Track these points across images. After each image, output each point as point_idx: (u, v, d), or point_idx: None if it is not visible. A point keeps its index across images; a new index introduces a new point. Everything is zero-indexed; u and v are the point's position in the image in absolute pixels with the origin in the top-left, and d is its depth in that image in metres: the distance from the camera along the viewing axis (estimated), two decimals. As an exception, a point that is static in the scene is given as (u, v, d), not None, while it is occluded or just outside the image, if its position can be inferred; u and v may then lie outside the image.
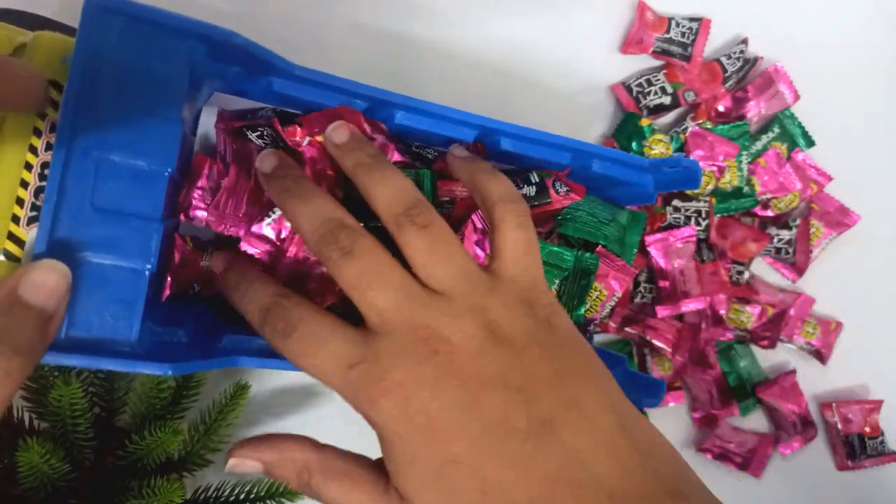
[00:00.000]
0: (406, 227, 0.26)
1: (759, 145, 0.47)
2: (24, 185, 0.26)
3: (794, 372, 0.47)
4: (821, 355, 0.47)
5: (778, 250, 0.47)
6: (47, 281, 0.23)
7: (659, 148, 0.44)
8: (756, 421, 0.47)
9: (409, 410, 0.24)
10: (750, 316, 0.45)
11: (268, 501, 0.36)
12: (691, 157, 0.44)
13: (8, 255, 0.26)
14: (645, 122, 0.44)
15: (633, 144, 0.44)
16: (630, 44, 0.45)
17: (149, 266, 0.25)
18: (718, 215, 0.45)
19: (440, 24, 0.43)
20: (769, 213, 0.47)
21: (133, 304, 0.25)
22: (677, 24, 0.45)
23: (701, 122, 0.45)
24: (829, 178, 0.48)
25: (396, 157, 0.33)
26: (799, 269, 0.47)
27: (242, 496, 0.36)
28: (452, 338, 0.24)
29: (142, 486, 0.32)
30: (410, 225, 0.26)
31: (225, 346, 0.29)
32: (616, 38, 0.46)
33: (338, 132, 0.30)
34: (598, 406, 0.24)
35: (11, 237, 0.26)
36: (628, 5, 0.46)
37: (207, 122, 0.32)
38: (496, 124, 0.32)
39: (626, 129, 0.44)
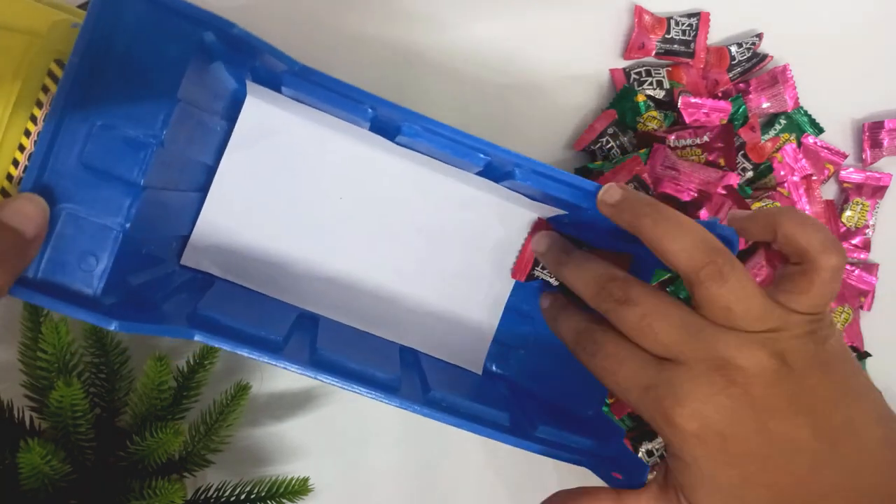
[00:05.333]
0: (706, 283, 0.27)
1: (765, 138, 0.47)
2: (22, 149, 0.29)
3: None
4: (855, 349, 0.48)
5: None
6: (25, 208, 0.25)
7: (653, 125, 0.44)
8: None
9: (708, 435, 0.26)
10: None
11: (269, 502, 0.36)
12: (687, 117, 0.44)
13: None
14: (640, 98, 0.44)
15: (628, 119, 0.44)
16: (632, 49, 0.45)
17: (123, 226, 0.27)
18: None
19: (439, 31, 0.43)
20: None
21: (102, 258, 0.27)
22: (677, 24, 0.45)
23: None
24: (844, 156, 0.47)
25: None
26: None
27: (243, 496, 0.36)
28: (747, 368, 0.26)
29: (143, 486, 0.32)
30: (712, 281, 0.27)
31: (194, 317, 0.30)
32: (617, 45, 0.46)
33: (610, 192, 0.31)
34: (869, 422, 0.27)
35: (5, 194, 0.29)
36: (626, 12, 0.46)
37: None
38: (513, 156, 0.32)
39: (622, 105, 0.44)
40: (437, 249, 0.38)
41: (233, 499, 0.36)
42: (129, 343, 0.37)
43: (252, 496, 0.36)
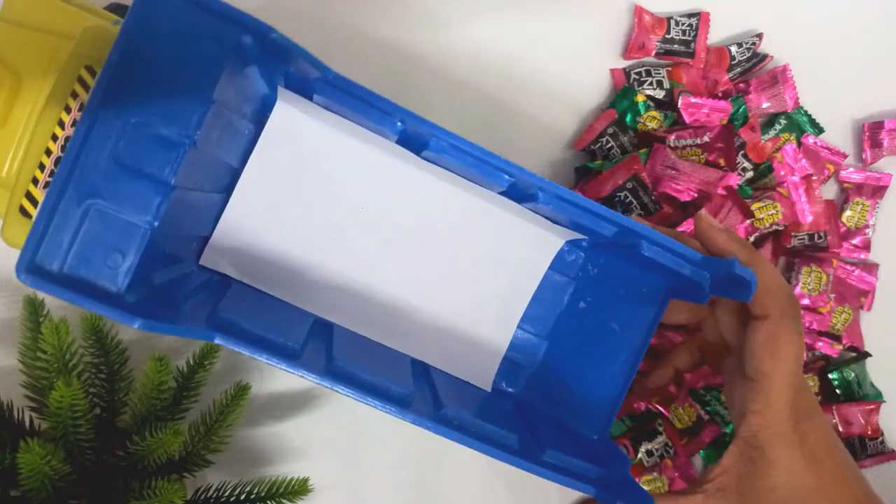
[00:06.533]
0: None
1: (765, 138, 0.47)
2: (48, 153, 0.29)
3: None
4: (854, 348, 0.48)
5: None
6: None
7: (653, 124, 0.44)
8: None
9: None
10: None
11: (268, 502, 0.36)
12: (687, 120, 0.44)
13: (23, 211, 0.30)
14: (640, 97, 0.44)
15: (628, 119, 0.44)
16: (632, 49, 0.45)
17: (152, 224, 0.27)
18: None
19: (439, 31, 0.43)
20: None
21: (129, 255, 0.27)
22: (677, 24, 0.45)
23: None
24: (844, 156, 0.47)
25: None
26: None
27: (243, 496, 0.36)
28: None
29: (143, 486, 0.32)
30: None
31: (214, 320, 0.30)
32: (618, 45, 0.46)
33: None
34: None
35: (28, 196, 0.30)
36: (626, 12, 0.46)
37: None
38: (538, 180, 0.32)
39: (622, 105, 0.44)
40: (455, 265, 0.38)
41: (232, 499, 0.36)
42: (128, 343, 0.37)
43: (252, 496, 0.36)
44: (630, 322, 0.37)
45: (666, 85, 0.45)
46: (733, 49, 0.46)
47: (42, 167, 0.30)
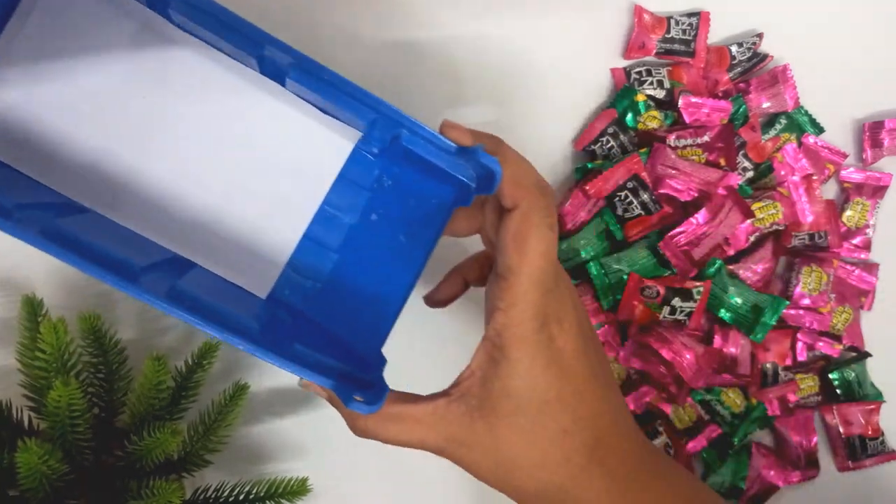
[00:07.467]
0: None
1: (766, 138, 0.46)
2: None
3: (813, 408, 0.47)
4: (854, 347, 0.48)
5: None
6: None
7: (653, 124, 0.44)
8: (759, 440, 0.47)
9: None
10: None
11: (267, 502, 0.36)
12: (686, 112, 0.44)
13: None
14: (640, 97, 0.44)
15: (629, 119, 0.44)
16: (632, 49, 0.45)
17: None
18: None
19: (439, 31, 0.43)
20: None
21: None
22: (677, 23, 0.45)
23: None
24: (845, 156, 0.47)
25: None
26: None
27: (242, 497, 0.36)
28: None
29: (141, 486, 0.32)
30: None
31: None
32: (618, 44, 0.46)
33: None
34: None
35: None
36: (626, 11, 0.46)
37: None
38: (289, 51, 0.30)
39: (622, 104, 0.44)
40: (238, 162, 0.36)
41: (231, 499, 0.36)
42: (127, 343, 0.37)
43: (251, 496, 0.36)
44: (416, 234, 0.36)
45: (666, 84, 0.44)
46: (733, 49, 0.46)
47: None
